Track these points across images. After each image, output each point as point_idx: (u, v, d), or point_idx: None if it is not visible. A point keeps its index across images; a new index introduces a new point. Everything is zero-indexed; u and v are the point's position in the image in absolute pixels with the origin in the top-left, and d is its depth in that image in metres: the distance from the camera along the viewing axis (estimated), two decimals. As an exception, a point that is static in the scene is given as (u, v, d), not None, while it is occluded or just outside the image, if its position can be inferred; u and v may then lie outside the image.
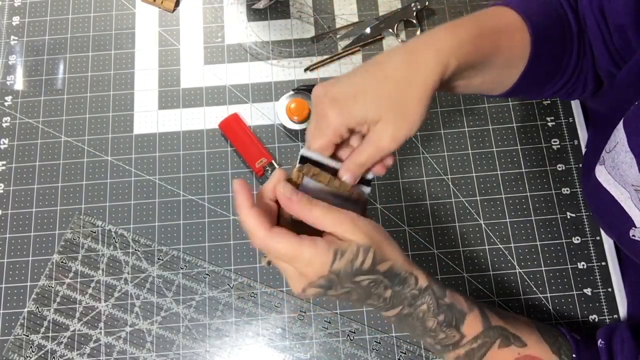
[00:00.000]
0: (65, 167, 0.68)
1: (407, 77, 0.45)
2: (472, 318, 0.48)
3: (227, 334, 0.62)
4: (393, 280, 0.45)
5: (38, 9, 0.75)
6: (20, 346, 0.62)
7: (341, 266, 0.42)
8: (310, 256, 0.42)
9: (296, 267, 0.43)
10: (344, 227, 0.43)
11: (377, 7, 0.75)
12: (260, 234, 0.43)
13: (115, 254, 0.64)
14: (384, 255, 0.44)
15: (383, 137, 0.45)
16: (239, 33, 0.74)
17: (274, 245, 0.42)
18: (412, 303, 0.46)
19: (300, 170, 0.46)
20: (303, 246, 0.42)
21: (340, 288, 0.44)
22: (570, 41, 0.53)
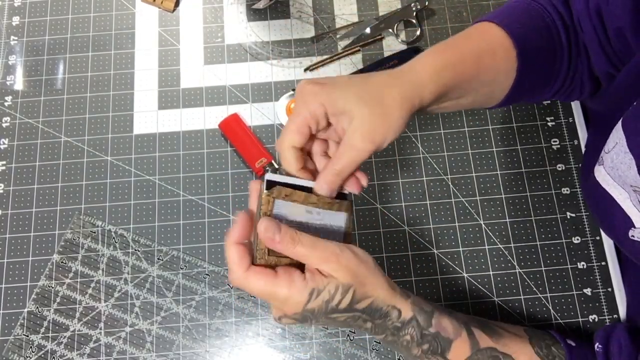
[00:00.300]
0: (65, 167, 0.68)
1: (389, 84, 0.46)
2: (458, 344, 0.47)
3: (227, 334, 0.62)
4: (373, 315, 0.45)
5: (38, 9, 0.75)
6: (20, 346, 0.62)
7: (315, 306, 0.43)
8: (284, 297, 0.43)
9: (273, 303, 0.45)
10: (328, 265, 0.43)
11: (377, 7, 0.75)
12: (237, 274, 0.43)
13: (115, 254, 0.64)
14: (365, 292, 0.44)
15: (357, 135, 0.44)
16: (239, 33, 0.74)
17: (249, 286, 0.43)
18: (394, 333, 0.46)
19: (269, 195, 0.45)
20: (277, 287, 0.42)
21: (316, 322, 0.44)
22: (559, 49, 0.53)
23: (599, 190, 0.53)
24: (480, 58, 0.50)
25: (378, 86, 0.45)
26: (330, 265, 0.43)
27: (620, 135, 0.47)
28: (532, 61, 0.52)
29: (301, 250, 0.43)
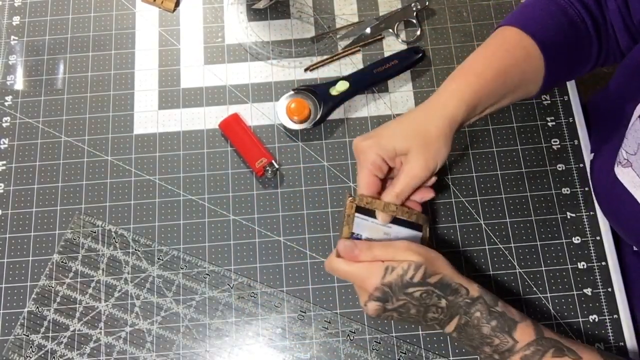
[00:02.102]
0: (65, 167, 0.68)
1: (427, 117, 0.54)
2: (524, 326, 0.49)
3: (227, 334, 0.62)
4: (445, 290, 0.49)
5: (38, 9, 0.75)
6: (20, 346, 0.62)
7: (392, 279, 0.49)
8: (364, 274, 0.50)
9: (357, 283, 0.51)
10: (399, 252, 0.50)
11: (377, 7, 0.75)
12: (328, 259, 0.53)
13: (115, 254, 0.64)
14: (435, 269, 0.50)
15: (413, 165, 0.53)
16: (239, 33, 0.74)
17: (335, 266, 0.52)
18: (466, 311, 0.49)
19: (352, 202, 0.54)
20: (359, 265, 0.50)
21: (395, 300, 0.49)
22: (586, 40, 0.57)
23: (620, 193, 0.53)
24: (506, 74, 0.55)
25: (418, 125, 0.54)
26: (401, 252, 0.50)
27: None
28: (560, 60, 0.56)
29: (377, 252, 0.50)
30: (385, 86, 0.71)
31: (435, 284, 0.49)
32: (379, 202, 0.54)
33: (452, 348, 0.61)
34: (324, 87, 0.68)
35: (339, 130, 0.69)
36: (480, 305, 0.49)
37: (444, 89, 0.56)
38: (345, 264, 0.51)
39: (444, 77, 0.71)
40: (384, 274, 0.49)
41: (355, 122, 0.70)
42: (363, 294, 0.51)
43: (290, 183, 0.67)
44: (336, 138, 0.69)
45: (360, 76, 0.70)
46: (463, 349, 0.61)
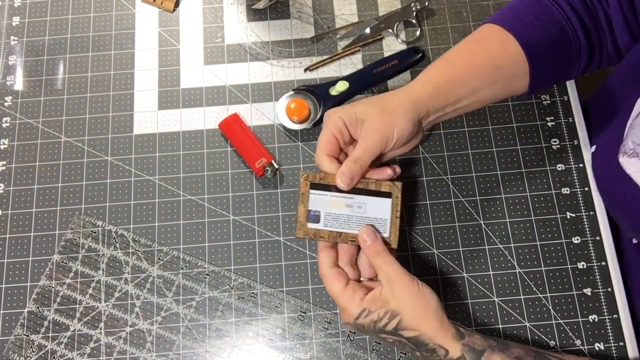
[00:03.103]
0: (65, 167, 0.68)
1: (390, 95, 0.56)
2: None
3: (227, 334, 0.62)
4: (419, 347, 0.50)
5: (38, 9, 0.75)
6: (20, 346, 0.62)
7: (364, 322, 0.50)
8: (343, 306, 0.51)
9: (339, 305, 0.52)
10: (389, 287, 0.50)
11: (377, 7, 0.75)
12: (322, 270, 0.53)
13: (116, 254, 0.65)
14: (413, 325, 0.49)
15: (368, 130, 0.53)
16: (239, 33, 0.74)
17: (327, 283, 0.52)
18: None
19: (306, 178, 0.54)
20: (341, 296, 0.51)
21: (368, 334, 0.52)
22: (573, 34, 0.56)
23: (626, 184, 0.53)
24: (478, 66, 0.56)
25: (382, 97, 0.55)
26: (391, 288, 0.50)
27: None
28: (543, 58, 0.56)
29: (378, 262, 0.51)
30: (385, 86, 0.71)
31: (410, 339, 0.49)
32: (332, 175, 0.53)
33: (452, 348, 0.61)
34: (323, 87, 0.68)
35: (339, 130, 0.69)
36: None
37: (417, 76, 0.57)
38: (334, 286, 0.51)
39: (443, 77, 0.71)
40: (359, 315, 0.50)
41: (355, 122, 0.70)
42: (342, 314, 0.53)
43: (290, 183, 0.67)
44: (336, 138, 0.69)
45: (360, 76, 0.70)
46: (463, 349, 0.61)
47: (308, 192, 0.54)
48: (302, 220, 0.54)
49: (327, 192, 0.54)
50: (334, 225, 0.54)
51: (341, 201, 0.54)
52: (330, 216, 0.54)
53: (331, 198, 0.54)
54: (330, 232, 0.53)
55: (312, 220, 0.54)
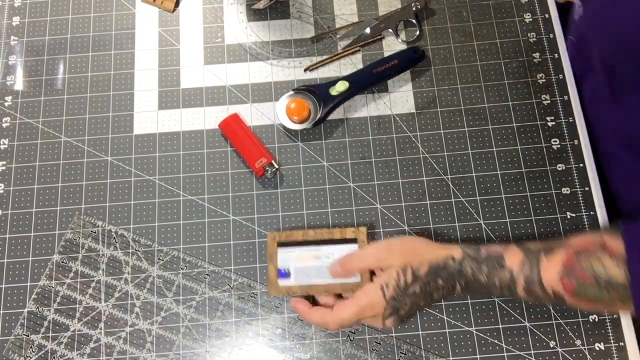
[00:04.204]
0: (65, 167, 0.68)
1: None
2: (509, 253, 0.52)
3: (227, 334, 0.62)
4: (437, 273, 0.52)
5: (38, 9, 0.75)
6: (20, 346, 0.62)
7: (392, 293, 0.52)
8: (369, 303, 0.52)
9: (367, 315, 0.53)
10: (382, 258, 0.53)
11: (377, 7, 0.75)
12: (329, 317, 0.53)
13: (116, 254, 0.65)
14: (419, 260, 0.53)
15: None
16: (239, 33, 0.74)
17: (344, 316, 0.52)
18: (461, 274, 0.52)
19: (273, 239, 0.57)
20: (359, 300, 0.52)
21: (404, 305, 0.52)
22: None
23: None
24: None
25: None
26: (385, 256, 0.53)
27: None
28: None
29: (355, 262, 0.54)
30: (385, 86, 0.71)
31: (428, 273, 0.52)
32: (296, 233, 0.57)
33: (452, 348, 0.61)
34: (323, 87, 0.68)
35: (338, 130, 0.69)
36: (468, 262, 0.52)
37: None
38: (350, 310, 0.52)
39: (443, 76, 0.71)
40: (383, 293, 0.52)
41: (355, 122, 0.70)
42: (376, 320, 0.53)
43: (290, 183, 0.67)
44: (336, 138, 0.69)
45: (360, 76, 0.70)
46: (463, 349, 0.61)
47: (276, 251, 0.57)
48: (273, 279, 0.56)
49: (294, 247, 0.57)
50: (305, 279, 0.56)
51: (309, 255, 0.56)
52: (300, 270, 0.56)
53: (299, 253, 0.57)
54: (301, 286, 0.56)
55: (283, 277, 0.56)
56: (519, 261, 0.51)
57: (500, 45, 0.73)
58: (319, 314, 0.54)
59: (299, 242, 0.57)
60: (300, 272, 0.56)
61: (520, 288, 0.51)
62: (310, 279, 0.56)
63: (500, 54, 0.72)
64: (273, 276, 0.56)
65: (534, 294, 0.51)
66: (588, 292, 0.49)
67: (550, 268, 0.50)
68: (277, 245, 0.57)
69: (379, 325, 0.54)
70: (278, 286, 0.56)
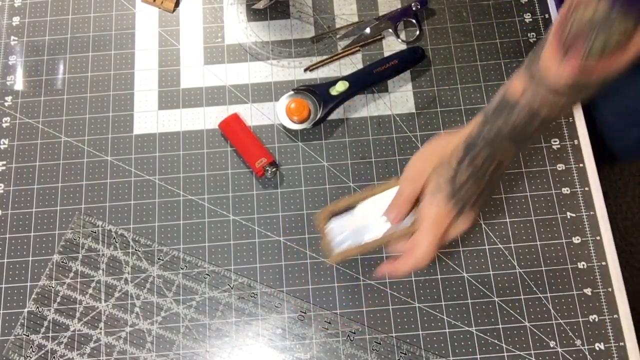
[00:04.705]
0: (65, 167, 0.68)
1: None
2: (515, 80, 0.48)
3: (227, 334, 0.62)
4: (471, 149, 0.50)
5: (38, 9, 0.75)
6: (20, 346, 0.62)
7: (444, 193, 0.50)
8: (434, 218, 0.51)
9: (442, 229, 0.51)
10: (420, 168, 0.52)
11: (377, 7, 0.75)
12: (414, 257, 0.51)
13: (116, 254, 0.65)
14: (450, 152, 0.51)
15: None
16: (239, 33, 0.74)
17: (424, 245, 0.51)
18: (489, 140, 0.49)
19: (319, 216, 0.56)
20: (425, 222, 0.51)
21: (466, 197, 0.50)
22: None
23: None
24: None
25: None
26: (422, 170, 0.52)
27: None
28: None
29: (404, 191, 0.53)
30: (385, 86, 0.71)
31: (462, 158, 0.50)
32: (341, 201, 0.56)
33: (452, 348, 0.61)
34: (324, 87, 0.68)
35: (338, 130, 0.69)
36: (487, 126, 0.49)
37: None
38: (424, 236, 0.51)
39: (443, 76, 0.71)
40: (438, 200, 0.50)
41: (355, 122, 0.70)
42: (454, 227, 0.51)
43: (290, 183, 0.67)
44: (336, 138, 0.69)
45: (360, 76, 0.70)
46: (463, 349, 0.61)
47: (324, 225, 0.56)
48: (327, 250, 0.55)
49: (341, 216, 0.56)
50: (361, 239, 0.55)
51: (359, 217, 0.56)
52: (354, 233, 0.55)
53: (347, 218, 0.56)
54: (358, 246, 0.55)
55: (337, 246, 0.55)
56: (521, 90, 0.48)
57: (500, 45, 0.73)
58: (403, 261, 0.52)
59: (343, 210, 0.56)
60: (354, 234, 0.56)
61: (533, 116, 0.48)
62: (366, 237, 0.55)
63: (500, 54, 0.72)
64: (328, 248, 0.56)
65: (554, 105, 0.47)
66: (593, 48, 0.43)
67: (549, 63, 0.46)
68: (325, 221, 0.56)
69: (463, 227, 0.52)
70: (336, 254, 0.55)
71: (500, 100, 0.49)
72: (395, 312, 0.62)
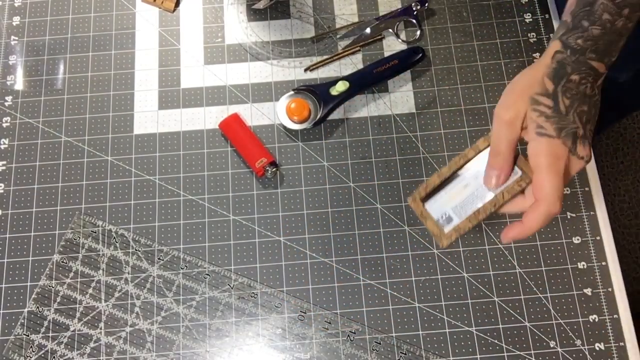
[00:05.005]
0: (65, 167, 0.68)
1: None
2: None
3: (227, 334, 0.62)
4: (560, 75, 0.46)
5: (38, 9, 0.75)
6: (20, 346, 0.62)
7: (552, 125, 0.46)
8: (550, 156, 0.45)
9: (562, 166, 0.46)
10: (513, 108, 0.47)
11: (377, 7, 0.75)
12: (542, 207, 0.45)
13: (116, 254, 0.65)
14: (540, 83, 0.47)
15: None
16: (239, 33, 0.74)
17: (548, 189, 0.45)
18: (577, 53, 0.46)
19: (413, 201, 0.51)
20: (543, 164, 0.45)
21: (574, 123, 0.46)
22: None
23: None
24: None
25: None
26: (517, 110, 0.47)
27: None
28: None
29: (501, 140, 0.47)
30: (385, 86, 0.71)
31: (555, 85, 0.46)
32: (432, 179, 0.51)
33: (452, 348, 0.61)
34: (324, 87, 0.68)
35: (339, 130, 0.69)
36: (571, 38, 0.46)
37: None
38: (546, 180, 0.45)
39: (443, 76, 0.71)
40: (548, 134, 0.46)
41: (355, 122, 0.70)
42: (574, 161, 0.47)
43: (290, 183, 0.67)
44: (336, 138, 0.69)
45: (360, 76, 0.70)
46: (463, 349, 0.61)
47: (424, 208, 0.51)
48: (437, 232, 0.50)
49: (439, 193, 0.51)
50: (467, 211, 0.50)
51: (457, 189, 0.51)
52: (458, 207, 0.50)
53: (447, 194, 0.51)
54: (468, 219, 0.50)
55: (446, 224, 0.51)
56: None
57: (500, 45, 0.73)
58: (532, 213, 0.46)
59: (440, 185, 0.51)
60: (459, 208, 0.50)
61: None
62: (472, 207, 0.50)
63: (500, 54, 0.72)
64: (436, 229, 0.51)
65: None
66: None
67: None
68: (423, 202, 0.51)
69: (582, 159, 0.46)
70: (445, 234, 0.50)
71: (577, 3, 0.46)
72: (395, 312, 0.62)
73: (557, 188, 0.45)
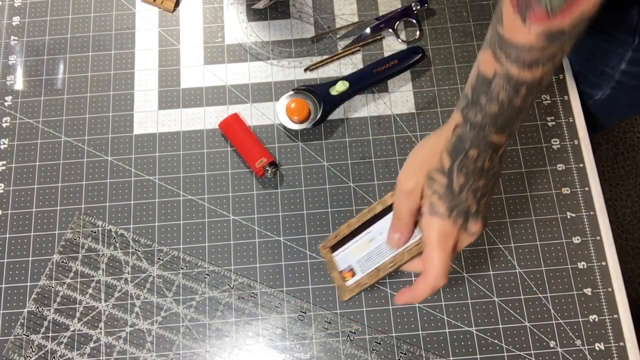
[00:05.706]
0: (65, 167, 0.68)
1: None
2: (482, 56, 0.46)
3: (227, 334, 0.62)
4: (458, 149, 0.47)
5: (38, 9, 0.75)
6: (20, 346, 0.62)
7: (444, 204, 0.47)
8: (439, 234, 0.47)
9: (451, 244, 0.47)
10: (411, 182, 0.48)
11: (377, 7, 0.75)
12: (429, 278, 0.47)
13: (116, 254, 0.65)
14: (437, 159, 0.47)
15: None
16: (239, 33, 0.74)
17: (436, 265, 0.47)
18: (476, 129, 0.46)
19: (323, 248, 0.54)
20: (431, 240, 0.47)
21: (467, 202, 0.47)
22: None
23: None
24: None
25: None
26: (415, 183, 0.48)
27: None
28: None
29: (401, 210, 0.49)
30: (385, 86, 0.71)
31: (452, 161, 0.47)
32: (341, 229, 0.53)
33: (452, 348, 0.61)
34: (324, 87, 0.68)
35: (339, 130, 0.69)
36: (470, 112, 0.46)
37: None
38: (434, 255, 0.47)
39: (444, 76, 0.71)
40: (438, 213, 0.47)
41: (355, 122, 0.70)
42: (464, 236, 0.48)
43: (290, 183, 0.67)
44: (336, 138, 0.69)
45: (360, 76, 0.70)
46: (463, 349, 0.61)
47: (331, 257, 0.53)
48: (340, 283, 0.52)
49: (347, 244, 0.53)
50: (370, 266, 0.52)
51: (364, 241, 0.53)
52: (362, 261, 0.52)
53: (353, 246, 0.53)
54: (369, 275, 0.52)
55: (350, 278, 0.52)
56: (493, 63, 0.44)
57: (500, 45, 0.73)
58: (420, 284, 0.48)
59: (348, 235, 0.53)
60: (363, 262, 0.52)
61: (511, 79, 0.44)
62: (375, 263, 0.52)
63: (500, 54, 0.72)
64: (340, 281, 0.53)
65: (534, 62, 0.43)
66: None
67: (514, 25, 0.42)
68: (333, 250, 0.54)
69: (473, 237, 0.48)
70: (348, 288, 0.52)
71: (476, 79, 0.46)
72: (395, 312, 0.62)
73: (444, 264, 0.47)
